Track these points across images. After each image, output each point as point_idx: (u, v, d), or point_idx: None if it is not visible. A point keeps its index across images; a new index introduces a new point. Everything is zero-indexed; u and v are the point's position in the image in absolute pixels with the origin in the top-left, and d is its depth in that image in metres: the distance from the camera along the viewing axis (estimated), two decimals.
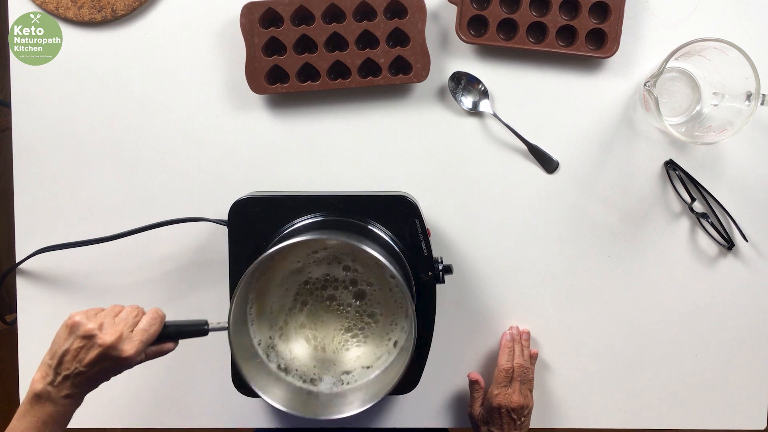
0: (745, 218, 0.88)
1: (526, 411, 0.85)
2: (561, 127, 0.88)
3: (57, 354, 0.67)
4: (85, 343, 0.66)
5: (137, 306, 0.71)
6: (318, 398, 0.78)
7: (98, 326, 0.66)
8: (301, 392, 0.79)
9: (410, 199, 0.81)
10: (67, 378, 0.66)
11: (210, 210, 0.89)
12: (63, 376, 0.66)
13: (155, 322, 0.70)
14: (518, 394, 0.84)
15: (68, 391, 0.67)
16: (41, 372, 0.67)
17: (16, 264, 0.90)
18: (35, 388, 0.67)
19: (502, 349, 0.88)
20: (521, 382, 0.85)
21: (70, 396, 0.67)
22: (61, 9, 0.87)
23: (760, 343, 0.90)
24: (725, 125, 0.80)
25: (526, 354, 0.88)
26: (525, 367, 0.86)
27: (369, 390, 0.77)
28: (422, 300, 0.80)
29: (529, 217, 0.89)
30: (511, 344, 0.88)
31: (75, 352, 0.66)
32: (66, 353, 0.66)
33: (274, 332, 0.81)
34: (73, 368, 0.66)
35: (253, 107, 0.89)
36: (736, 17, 0.85)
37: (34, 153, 0.90)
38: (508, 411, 0.83)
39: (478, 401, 0.88)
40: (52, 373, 0.67)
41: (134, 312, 0.70)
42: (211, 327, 0.72)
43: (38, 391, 0.67)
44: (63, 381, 0.66)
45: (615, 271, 0.90)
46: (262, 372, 0.78)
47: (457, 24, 0.84)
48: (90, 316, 0.68)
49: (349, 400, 0.76)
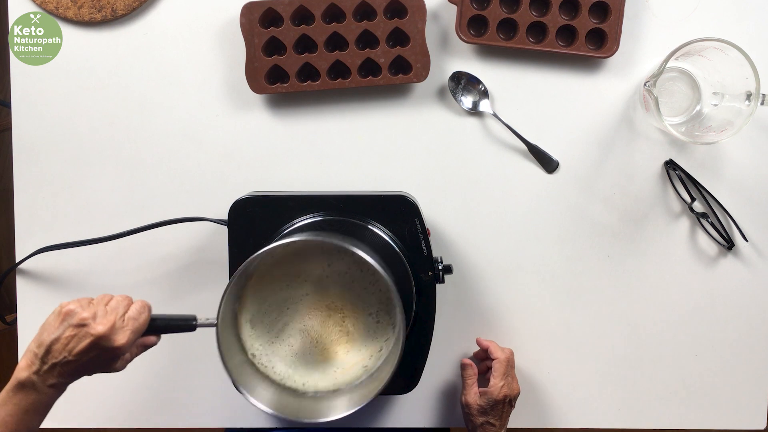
0: (745, 218, 0.88)
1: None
2: (561, 127, 0.88)
3: (45, 342, 0.65)
4: (77, 332, 0.65)
5: (126, 296, 0.71)
6: (306, 400, 0.77)
7: (92, 315, 0.66)
8: (289, 394, 0.78)
9: (410, 199, 0.81)
10: (54, 366, 0.65)
11: (210, 210, 0.89)
12: (50, 364, 0.65)
13: (144, 310, 0.69)
14: (516, 380, 0.86)
15: (53, 381, 0.66)
16: (26, 360, 0.66)
17: (16, 264, 0.90)
18: (19, 376, 0.66)
19: (489, 344, 0.88)
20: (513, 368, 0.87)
21: (54, 386, 0.66)
22: (61, 9, 0.87)
23: (760, 343, 0.90)
24: (725, 125, 0.80)
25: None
26: (511, 352, 0.87)
27: (358, 392, 0.76)
28: (422, 300, 0.80)
29: (529, 217, 0.89)
30: (489, 341, 0.89)
31: (66, 340, 0.65)
32: (56, 341, 0.65)
33: (264, 333, 0.80)
34: (62, 357, 0.65)
35: (253, 107, 0.89)
36: (736, 17, 0.85)
37: (34, 153, 0.90)
38: (510, 400, 0.84)
39: (473, 388, 0.86)
40: (38, 362, 0.66)
41: (124, 302, 0.69)
42: (199, 323, 0.71)
43: (22, 379, 0.66)
44: (50, 370, 0.65)
45: (615, 271, 0.90)
46: (250, 372, 0.77)
47: (457, 24, 0.84)
48: (84, 305, 0.67)
49: (337, 403, 0.75)
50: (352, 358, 0.80)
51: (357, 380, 0.79)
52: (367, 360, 0.80)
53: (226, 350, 0.73)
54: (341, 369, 0.80)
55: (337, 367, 0.80)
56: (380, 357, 0.79)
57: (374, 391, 0.72)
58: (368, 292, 0.80)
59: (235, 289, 0.77)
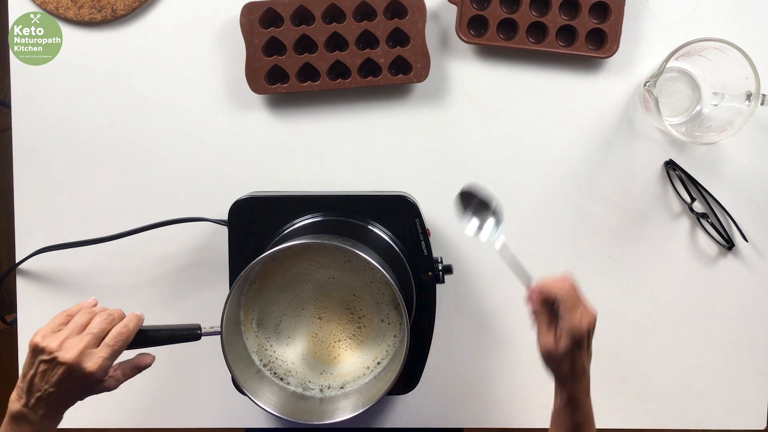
0: (745, 218, 0.88)
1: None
2: (561, 127, 0.88)
3: (27, 377, 0.65)
4: (49, 366, 0.64)
5: (110, 313, 0.68)
6: (311, 403, 0.78)
7: (58, 344, 0.64)
8: (295, 397, 0.78)
9: (410, 199, 0.81)
10: (40, 399, 0.65)
11: (210, 210, 0.89)
12: (36, 398, 0.65)
13: (121, 337, 0.66)
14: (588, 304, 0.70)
15: (43, 411, 0.65)
16: (16, 393, 0.66)
17: (16, 264, 0.90)
18: (12, 408, 0.66)
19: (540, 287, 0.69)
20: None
21: (46, 416, 0.66)
22: (61, 9, 0.87)
23: (760, 343, 0.90)
24: (725, 125, 0.80)
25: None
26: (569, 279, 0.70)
27: (363, 395, 0.76)
28: (422, 300, 0.80)
29: (529, 217, 0.89)
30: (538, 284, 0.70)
31: (41, 374, 0.64)
32: (34, 377, 0.65)
33: (268, 336, 0.81)
34: (44, 390, 0.65)
35: (253, 107, 0.89)
36: (736, 17, 0.85)
37: (34, 153, 0.90)
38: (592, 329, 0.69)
39: (552, 330, 0.69)
40: (25, 396, 0.65)
41: (103, 324, 0.67)
42: (204, 332, 0.72)
43: (14, 411, 0.66)
44: (36, 403, 0.65)
45: (615, 271, 0.90)
46: (256, 376, 0.77)
47: (457, 24, 0.84)
48: (47, 334, 0.65)
49: (342, 405, 0.76)
50: (357, 360, 0.80)
51: (362, 381, 0.79)
52: (371, 361, 0.80)
53: (231, 356, 0.73)
54: (346, 370, 0.80)
55: (342, 368, 0.80)
56: (385, 358, 0.80)
57: (380, 392, 0.72)
58: (371, 294, 0.80)
59: (237, 295, 0.77)
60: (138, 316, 0.69)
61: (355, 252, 0.70)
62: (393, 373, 0.72)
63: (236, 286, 0.72)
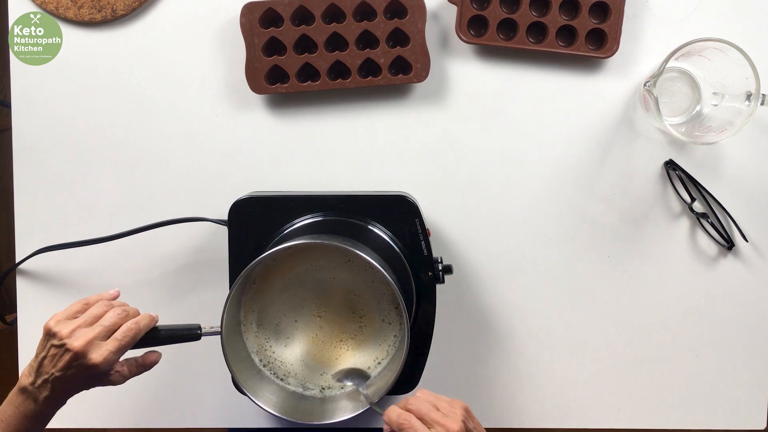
0: (745, 218, 0.88)
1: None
2: (561, 126, 0.88)
3: (38, 358, 0.68)
4: (58, 351, 0.66)
5: (125, 309, 0.70)
6: (311, 403, 0.78)
7: (69, 332, 0.66)
8: (295, 396, 0.78)
9: (410, 199, 0.81)
10: (47, 382, 0.67)
11: (210, 210, 0.89)
12: (42, 379, 0.67)
13: (130, 333, 0.68)
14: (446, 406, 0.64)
15: (47, 393, 0.67)
16: (27, 369, 0.69)
17: (16, 264, 0.90)
18: (22, 382, 0.68)
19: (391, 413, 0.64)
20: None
21: (49, 398, 0.67)
22: (61, 9, 0.87)
23: (760, 343, 0.90)
24: (725, 125, 0.80)
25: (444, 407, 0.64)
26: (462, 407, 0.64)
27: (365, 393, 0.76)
28: (422, 300, 0.80)
29: (529, 217, 0.89)
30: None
31: (51, 358, 0.67)
32: (44, 359, 0.67)
33: (268, 336, 0.81)
34: (50, 373, 0.67)
35: (253, 107, 0.89)
36: (736, 17, 0.85)
37: (34, 153, 0.90)
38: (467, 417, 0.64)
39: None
40: (34, 374, 0.68)
41: (115, 318, 0.69)
42: (204, 332, 0.72)
43: (23, 386, 0.68)
44: (43, 384, 0.67)
45: (615, 271, 0.90)
46: (256, 376, 0.77)
47: (457, 24, 0.84)
48: (61, 320, 0.68)
49: (342, 405, 0.76)
50: (357, 360, 0.80)
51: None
52: (371, 361, 0.80)
53: (231, 356, 0.73)
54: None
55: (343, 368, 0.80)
56: (385, 358, 0.80)
57: (381, 392, 0.72)
58: (371, 294, 0.80)
59: (238, 295, 0.77)
60: (152, 316, 0.71)
61: (356, 252, 0.70)
62: (393, 373, 0.72)
63: (236, 286, 0.72)
